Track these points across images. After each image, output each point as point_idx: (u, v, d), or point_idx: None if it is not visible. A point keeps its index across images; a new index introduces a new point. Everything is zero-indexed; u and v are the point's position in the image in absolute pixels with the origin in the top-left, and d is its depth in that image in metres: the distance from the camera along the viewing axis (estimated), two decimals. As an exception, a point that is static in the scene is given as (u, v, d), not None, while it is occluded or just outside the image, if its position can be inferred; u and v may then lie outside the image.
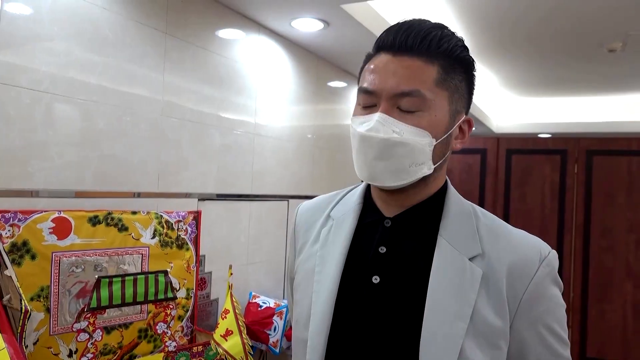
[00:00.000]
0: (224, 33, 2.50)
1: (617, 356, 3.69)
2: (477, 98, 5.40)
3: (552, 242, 3.89)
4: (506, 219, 4.04)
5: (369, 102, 0.86)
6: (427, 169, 0.86)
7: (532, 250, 0.85)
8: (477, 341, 0.80)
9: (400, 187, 0.87)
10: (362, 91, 0.87)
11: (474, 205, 0.94)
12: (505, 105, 6.24)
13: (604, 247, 3.76)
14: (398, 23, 0.87)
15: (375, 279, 0.87)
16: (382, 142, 0.82)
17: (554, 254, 0.87)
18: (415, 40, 0.83)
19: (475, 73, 0.91)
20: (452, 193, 0.93)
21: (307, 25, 2.71)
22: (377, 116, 0.83)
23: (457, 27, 3.31)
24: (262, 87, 2.79)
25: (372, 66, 0.87)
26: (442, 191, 0.93)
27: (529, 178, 4.01)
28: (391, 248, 0.89)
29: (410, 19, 0.88)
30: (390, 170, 0.84)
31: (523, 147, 4.07)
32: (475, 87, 0.92)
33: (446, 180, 0.95)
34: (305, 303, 0.93)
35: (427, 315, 0.81)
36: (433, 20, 0.88)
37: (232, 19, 2.55)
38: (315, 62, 3.30)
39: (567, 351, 0.86)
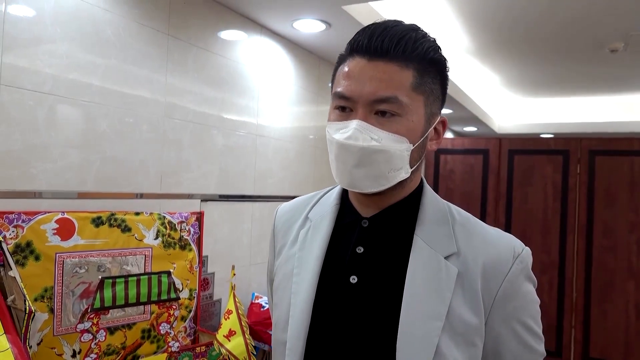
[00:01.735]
0: (226, 34, 2.51)
1: (619, 357, 3.68)
2: (479, 98, 5.41)
3: (554, 243, 3.89)
4: (508, 219, 4.04)
5: (344, 105, 0.86)
6: (405, 173, 0.86)
7: (506, 248, 0.86)
8: (454, 339, 0.81)
9: (378, 192, 0.87)
10: (338, 96, 0.86)
11: (450, 204, 0.94)
12: (507, 105, 6.24)
13: (607, 248, 3.75)
14: (372, 25, 0.86)
15: (353, 279, 0.88)
16: (362, 150, 0.82)
17: (527, 251, 0.88)
18: (391, 44, 0.82)
19: (448, 73, 0.90)
20: (428, 193, 0.93)
21: (308, 26, 2.72)
22: (354, 123, 0.83)
23: (459, 27, 3.31)
24: (264, 88, 2.80)
25: (346, 69, 0.85)
26: (419, 191, 0.93)
27: (531, 178, 4.00)
28: (368, 248, 0.90)
29: (383, 20, 0.87)
30: (370, 176, 0.84)
31: (525, 148, 4.06)
32: (448, 86, 0.92)
33: (422, 180, 0.96)
34: (284, 305, 0.94)
35: (403, 314, 0.82)
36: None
37: (234, 21, 2.55)
38: (317, 63, 3.30)
39: (542, 346, 0.87)
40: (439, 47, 0.88)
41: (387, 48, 0.82)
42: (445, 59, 0.89)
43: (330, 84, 0.93)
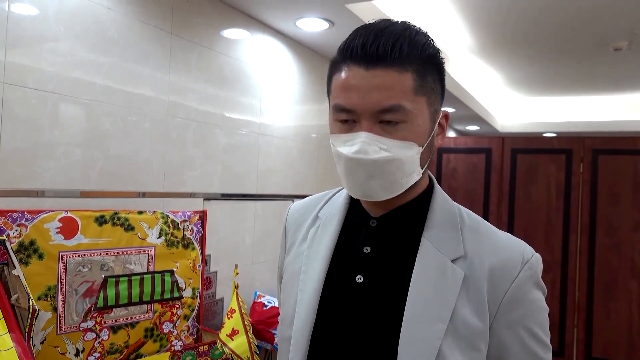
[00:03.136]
0: (229, 33, 2.50)
1: (622, 356, 3.67)
2: (481, 97, 5.40)
3: (557, 241, 3.88)
4: (511, 218, 4.03)
5: (347, 118, 0.83)
6: (417, 175, 0.86)
7: (515, 253, 0.85)
8: (457, 342, 0.80)
9: None
10: (339, 109, 0.83)
11: (460, 206, 0.93)
12: (510, 104, 6.23)
13: (610, 246, 3.75)
14: (363, 29, 0.82)
15: (359, 279, 0.88)
16: (374, 163, 0.81)
17: (537, 257, 0.86)
18: (386, 48, 0.78)
19: (444, 63, 0.87)
20: (439, 194, 0.92)
21: (311, 25, 2.71)
22: (363, 136, 0.80)
23: (462, 25, 3.30)
24: (267, 87, 2.79)
25: (343, 78, 0.82)
26: (429, 191, 0.92)
27: (534, 177, 3.99)
28: (375, 248, 0.89)
29: (373, 22, 0.84)
30: (384, 186, 0.83)
31: (528, 147, 4.05)
32: (445, 80, 0.89)
33: (432, 180, 0.95)
34: (290, 302, 0.94)
35: (407, 316, 0.81)
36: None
37: (237, 19, 2.55)
38: (320, 61, 3.30)
39: (549, 355, 0.85)
40: (432, 39, 0.86)
41: (383, 53, 0.79)
42: (439, 50, 0.86)
43: (326, 88, 0.91)
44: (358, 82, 0.81)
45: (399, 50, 0.79)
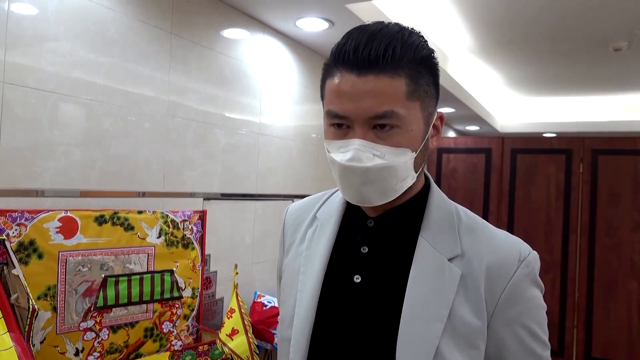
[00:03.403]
0: (229, 33, 2.50)
1: (622, 356, 3.68)
2: (481, 97, 5.40)
3: (557, 242, 3.88)
4: (511, 218, 4.03)
5: (341, 123, 0.84)
6: (411, 179, 0.86)
7: (512, 251, 0.85)
8: (455, 341, 0.80)
9: None
10: (332, 115, 0.84)
11: (457, 205, 0.94)
12: (510, 104, 6.23)
13: (609, 247, 3.75)
14: (354, 32, 0.82)
15: (357, 279, 0.88)
16: (367, 170, 0.81)
17: (534, 255, 0.86)
18: (378, 53, 0.78)
19: (438, 64, 0.86)
20: (435, 193, 0.92)
21: (311, 25, 2.71)
22: (356, 143, 0.81)
23: (461, 25, 3.30)
24: (266, 87, 2.79)
25: (336, 84, 0.82)
26: (425, 191, 0.93)
27: (534, 177, 3.99)
28: (373, 248, 0.90)
29: (366, 24, 0.83)
30: (378, 192, 0.83)
31: (528, 147, 4.05)
32: (440, 77, 0.88)
33: (429, 180, 0.95)
34: (290, 302, 0.94)
35: (405, 315, 0.82)
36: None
37: (237, 19, 2.55)
38: (320, 61, 3.30)
39: (547, 352, 0.85)
40: (425, 40, 0.85)
41: (375, 58, 0.78)
42: (432, 51, 0.85)
43: (320, 91, 0.91)
44: (350, 89, 0.80)
45: (391, 55, 0.78)
